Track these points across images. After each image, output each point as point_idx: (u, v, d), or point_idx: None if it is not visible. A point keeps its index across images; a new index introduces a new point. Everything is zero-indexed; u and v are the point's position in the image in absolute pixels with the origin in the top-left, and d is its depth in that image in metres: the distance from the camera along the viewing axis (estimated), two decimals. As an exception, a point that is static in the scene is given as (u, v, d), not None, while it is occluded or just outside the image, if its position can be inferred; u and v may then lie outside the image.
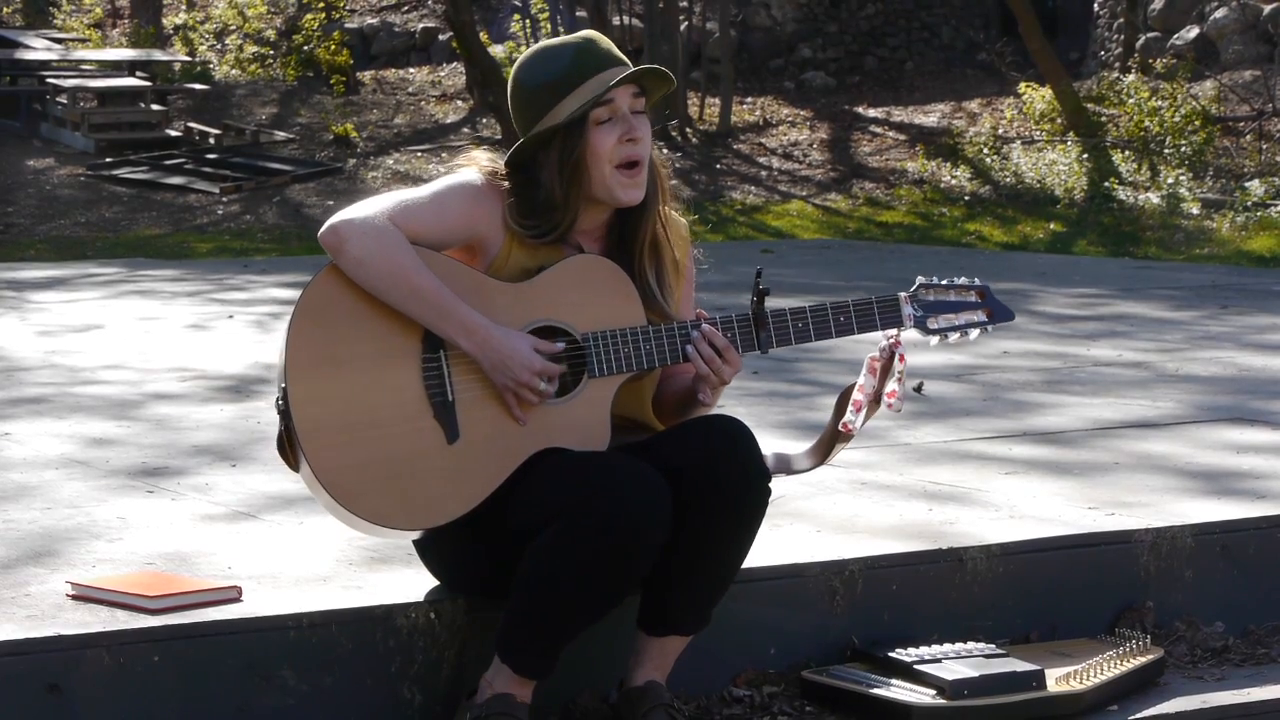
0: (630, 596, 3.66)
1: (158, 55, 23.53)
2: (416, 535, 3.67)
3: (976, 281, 3.88)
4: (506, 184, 3.69)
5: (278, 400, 3.58)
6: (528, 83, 3.69)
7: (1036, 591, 4.25)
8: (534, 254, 3.69)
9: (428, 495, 3.55)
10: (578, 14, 22.81)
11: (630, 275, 3.71)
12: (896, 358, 3.74)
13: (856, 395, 3.75)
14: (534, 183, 3.69)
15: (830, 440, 3.82)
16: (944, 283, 3.85)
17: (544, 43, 3.74)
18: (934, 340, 3.83)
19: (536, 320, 3.65)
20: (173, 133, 21.05)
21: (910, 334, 3.79)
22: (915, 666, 3.86)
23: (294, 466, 3.63)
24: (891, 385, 3.74)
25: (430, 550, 3.75)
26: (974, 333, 3.85)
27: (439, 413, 3.58)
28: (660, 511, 3.49)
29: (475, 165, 3.74)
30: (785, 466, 3.84)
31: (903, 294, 3.80)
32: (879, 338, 3.78)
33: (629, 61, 3.71)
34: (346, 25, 25.25)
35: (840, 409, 3.78)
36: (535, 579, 3.51)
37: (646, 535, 3.48)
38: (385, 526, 3.57)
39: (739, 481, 3.58)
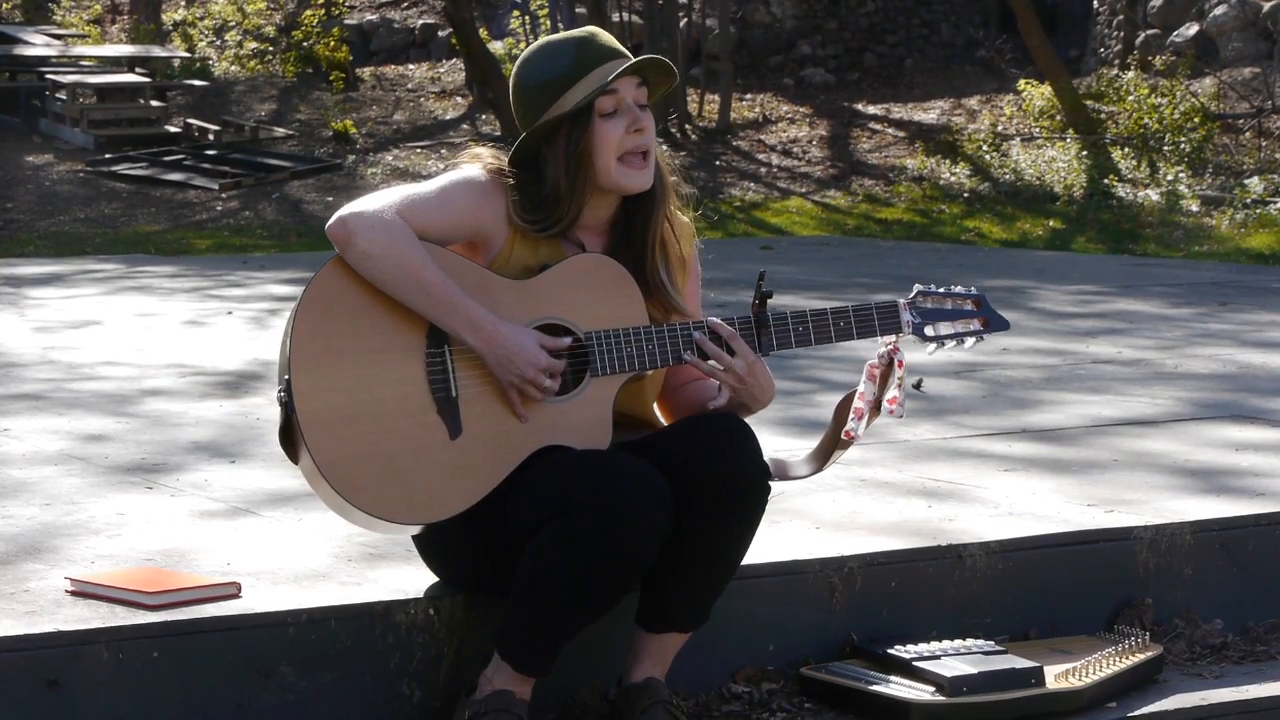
0: (629, 594, 3.66)
1: (157, 51, 23.52)
2: (417, 530, 3.67)
3: (973, 290, 3.89)
4: (511, 181, 3.69)
5: (280, 392, 3.57)
6: (530, 81, 3.70)
7: (1035, 588, 4.25)
8: (535, 251, 3.69)
9: (430, 490, 3.55)
10: (577, 10, 22.78)
11: (641, 272, 3.72)
12: (896, 364, 3.75)
13: (858, 403, 3.76)
14: (538, 178, 3.69)
15: (830, 447, 3.82)
16: (941, 290, 3.87)
17: (545, 40, 3.75)
18: (931, 348, 3.84)
19: (541, 318, 3.65)
20: (172, 129, 21.03)
21: (907, 339, 3.80)
22: (914, 663, 3.86)
23: (295, 459, 3.62)
24: (892, 391, 3.76)
25: (431, 547, 3.75)
26: (970, 341, 3.87)
27: (442, 408, 3.58)
28: (660, 510, 3.49)
29: (480, 161, 3.74)
30: (783, 472, 3.83)
31: (901, 300, 3.81)
32: (877, 343, 3.79)
33: (631, 55, 3.72)
34: (346, 21, 25.24)
35: (841, 416, 3.78)
36: (535, 576, 3.51)
37: (646, 534, 3.48)
38: (387, 520, 3.57)
39: (739, 479, 3.57)
